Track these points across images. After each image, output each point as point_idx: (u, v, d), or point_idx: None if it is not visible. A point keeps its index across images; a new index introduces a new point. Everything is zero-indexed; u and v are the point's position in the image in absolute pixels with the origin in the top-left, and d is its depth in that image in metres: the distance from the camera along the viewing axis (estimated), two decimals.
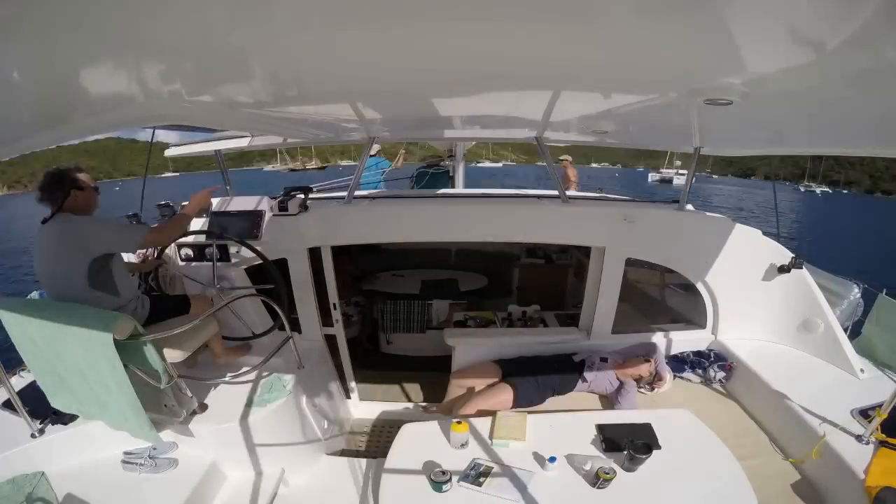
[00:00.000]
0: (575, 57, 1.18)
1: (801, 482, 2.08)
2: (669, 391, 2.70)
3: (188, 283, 2.76)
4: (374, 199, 3.19)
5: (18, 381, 2.37)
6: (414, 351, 4.13)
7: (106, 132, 1.79)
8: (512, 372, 2.75)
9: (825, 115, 1.64)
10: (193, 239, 2.77)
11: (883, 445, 1.98)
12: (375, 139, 3.04)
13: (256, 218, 2.80)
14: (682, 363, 2.95)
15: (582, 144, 4.06)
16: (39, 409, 2.09)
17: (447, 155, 5.92)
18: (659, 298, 3.66)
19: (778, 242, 2.86)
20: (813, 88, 1.28)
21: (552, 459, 1.79)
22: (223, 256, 2.78)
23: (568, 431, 2.06)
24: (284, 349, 2.57)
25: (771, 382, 2.50)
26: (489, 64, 1.24)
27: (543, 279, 4.58)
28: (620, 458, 1.83)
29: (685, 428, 2.09)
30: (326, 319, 3.12)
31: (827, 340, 2.67)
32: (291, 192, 2.94)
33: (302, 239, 2.87)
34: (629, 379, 2.65)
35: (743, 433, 2.37)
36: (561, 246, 4.51)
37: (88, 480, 2.00)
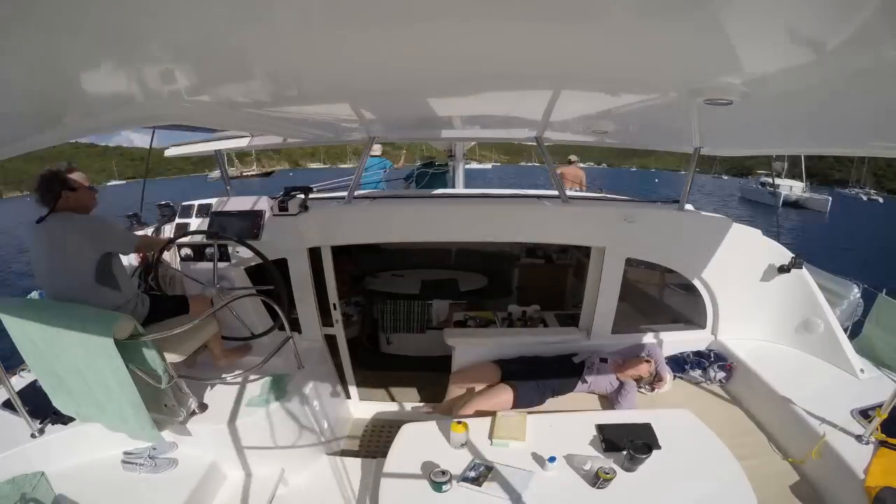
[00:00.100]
0: (575, 57, 1.17)
1: (800, 482, 2.08)
2: (669, 391, 2.70)
3: (188, 283, 2.76)
4: (374, 199, 3.19)
5: (18, 381, 2.38)
6: (414, 351, 4.12)
7: (106, 132, 1.80)
8: (512, 373, 2.75)
9: (825, 114, 1.64)
10: (193, 239, 2.77)
11: (883, 445, 1.98)
12: (375, 139, 3.04)
13: (256, 218, 2.80)
14: (681, 363, 2.94)
15: (582, 144, 4.06)
16: (39, 409, 2.10)
17: (447, 155, 5.92)
18: (659, 298, 3.66)
19: (778, 242, 2.86)
20: (813, 88, 1.27)
21: (552, 459, 1.79)
22: (223, 256, 2.78)
23: (568, 431, 2.06)
24: (284, 349, 2.57)
25: (771, 382, 2.50)
26: (489, 64, 1.24)
27: (543, 279, 4.58)
28: (620, 458, 1.83)
29: (685, 428, 2.09)
30: (326, 319, 3.12)
31: (827, 340, 2.67)
32: (291, 191, 2.94)
33: (302, 239, 2.87)
34: (629, 379, 2.64)
35: (743, 433, 2.37)
36: (561, 246, 4.50)
37: (88, 480, 2.00)
